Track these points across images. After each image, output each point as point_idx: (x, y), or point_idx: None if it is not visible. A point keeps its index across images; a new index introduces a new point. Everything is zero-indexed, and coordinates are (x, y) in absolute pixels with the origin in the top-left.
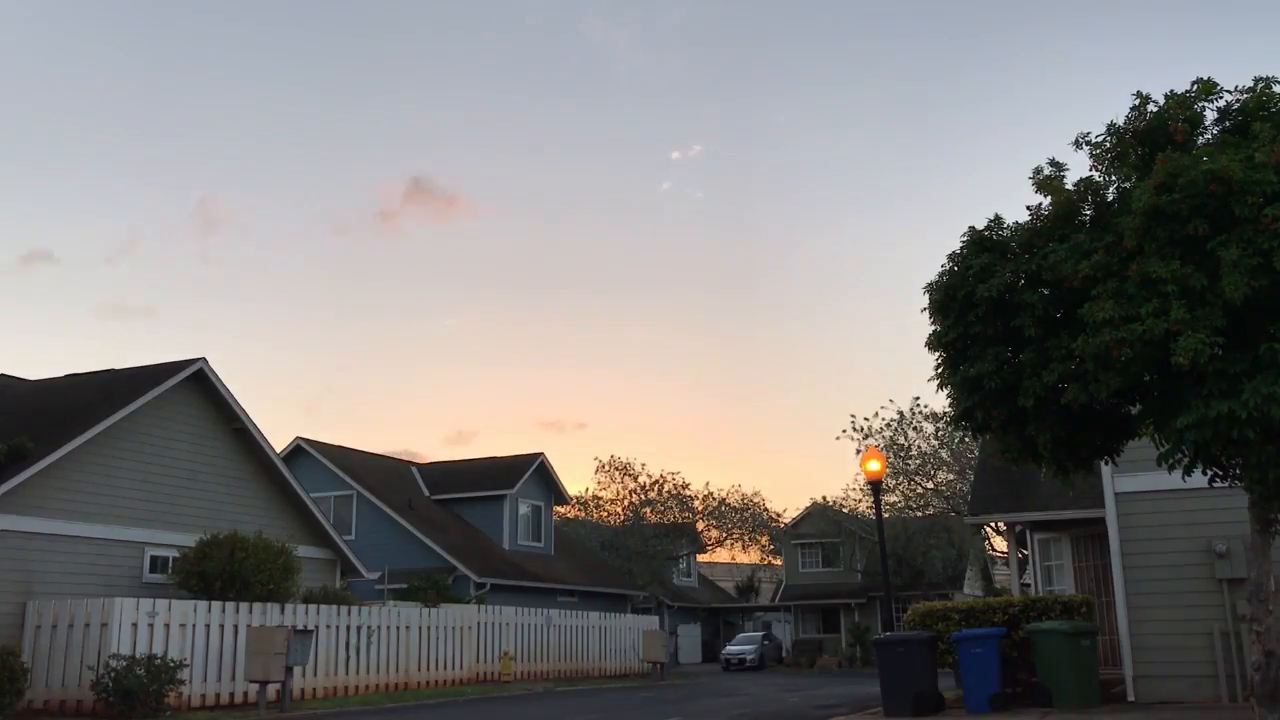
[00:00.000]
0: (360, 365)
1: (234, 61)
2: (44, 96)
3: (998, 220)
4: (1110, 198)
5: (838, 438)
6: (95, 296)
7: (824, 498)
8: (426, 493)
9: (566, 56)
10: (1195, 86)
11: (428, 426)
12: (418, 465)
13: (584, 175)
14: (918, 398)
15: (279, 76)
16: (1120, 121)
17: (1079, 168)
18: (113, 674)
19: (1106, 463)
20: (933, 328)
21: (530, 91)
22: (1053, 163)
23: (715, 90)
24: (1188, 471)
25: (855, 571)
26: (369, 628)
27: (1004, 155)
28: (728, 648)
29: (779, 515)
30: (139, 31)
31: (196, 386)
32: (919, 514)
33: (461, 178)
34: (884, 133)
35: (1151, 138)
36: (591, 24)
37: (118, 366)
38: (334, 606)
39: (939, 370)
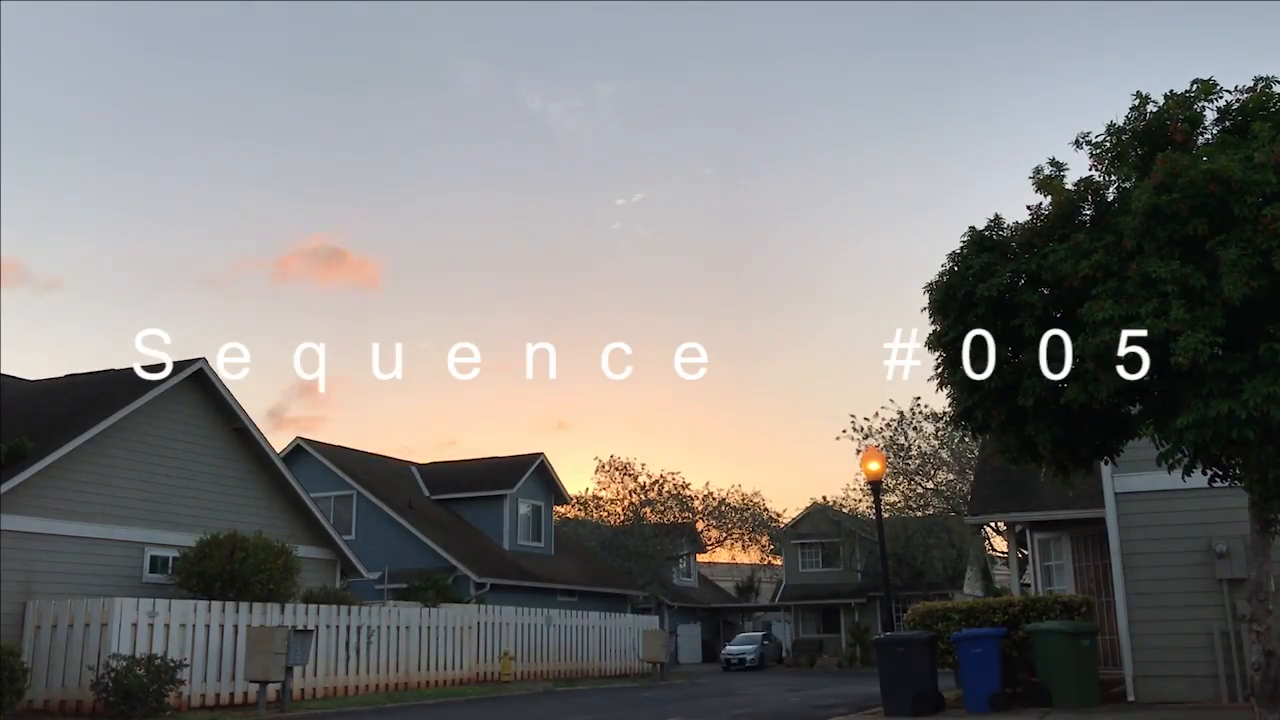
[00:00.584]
0: (360, 368)
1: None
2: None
3: (998, 220)
4: (1110, 197)
5: (838, 438)
6: (97, 296)
7: (824, 498)
8: (426, 492)
9: (509, 123)
10: (1195, 86)
11: (428, 428)
12: (417, 465)
13: (543, 213)
14: (918, 398)
15: (275, 117)
16: (1120, 121)
17: (1079, 167)
18: (113, 674)
19: (1106, 463)
20: (933, 327)
21: (480, 148)
22: (1053, 162)
23: (647, 148)
24: (1187, 471)
25: (855, 571)
26: (369, 628)
27: (1004, 155)
28: (728, 648)
29: (779, 515)
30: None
31: (196, 386)
32: (919, 514)
33: (434, 218)
34: (884, 132)
35: (1151, 137)
36: (530, 96)
37: (117, 367)
38: (334, 606)
39: (939, 370)
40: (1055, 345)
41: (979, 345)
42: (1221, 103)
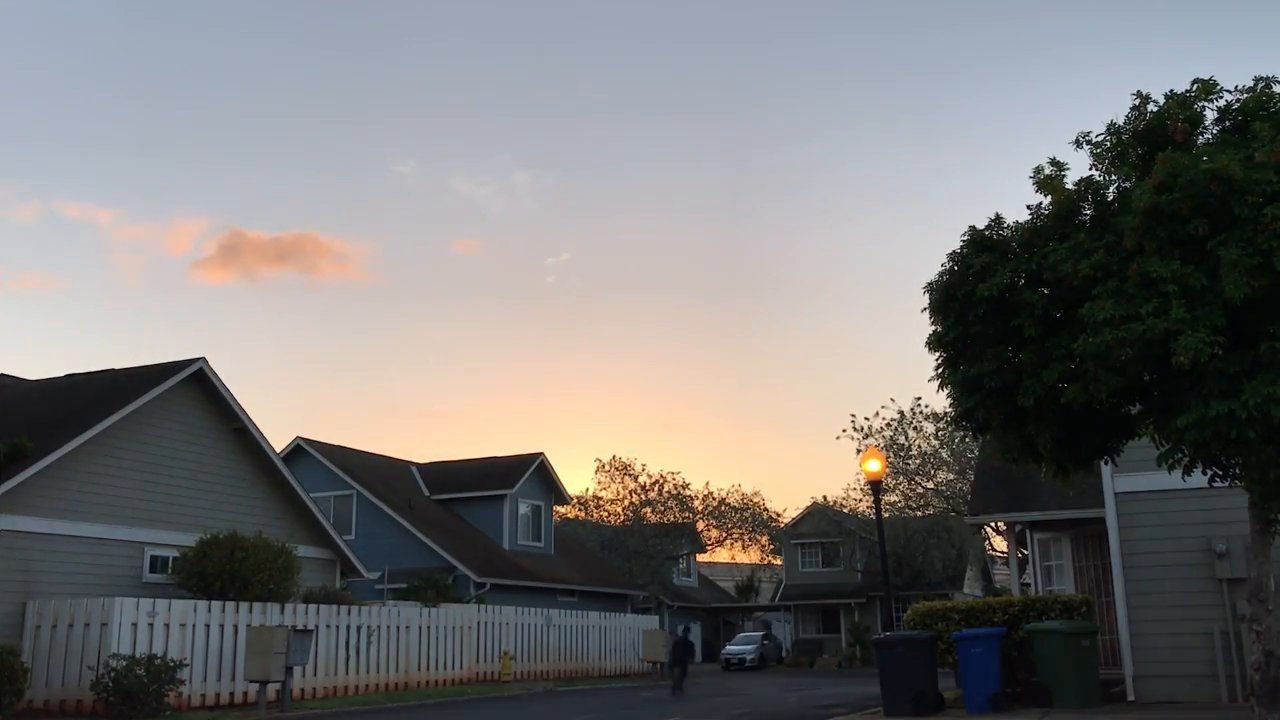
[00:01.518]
0: (366, 369)
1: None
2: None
3: (998, 220)
4: (1110, 197)
5: (838, 437)
6: (96, 296)
7: (824, 497)
8: (426, 492)
9: (442, 203)
10: (1195, 86)
11: (430, 428)
12: (417, 465)
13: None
14: (919, 398)
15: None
16: (1120, 121)
17: (1079, 167)
18: (113, 674)
19: (1106, 463)
20: (933, 328)
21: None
22: (1053, 162)
23: (568, 219)
24: (1187, 471)
25: (855, 571)
26: (369, 627)
27: (1005, 155)
28: (728, 647)
29: (779, 515)
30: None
31: (196, 386)
32: (919, 514)
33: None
34: (885, 132)
35: (1152, 137)
36: (459, 182)
37: (117, 366)
38: (334, 606)
39: (939, 370)
40: (1056, 345)
41: (979, 345)
42: (1222, 102)
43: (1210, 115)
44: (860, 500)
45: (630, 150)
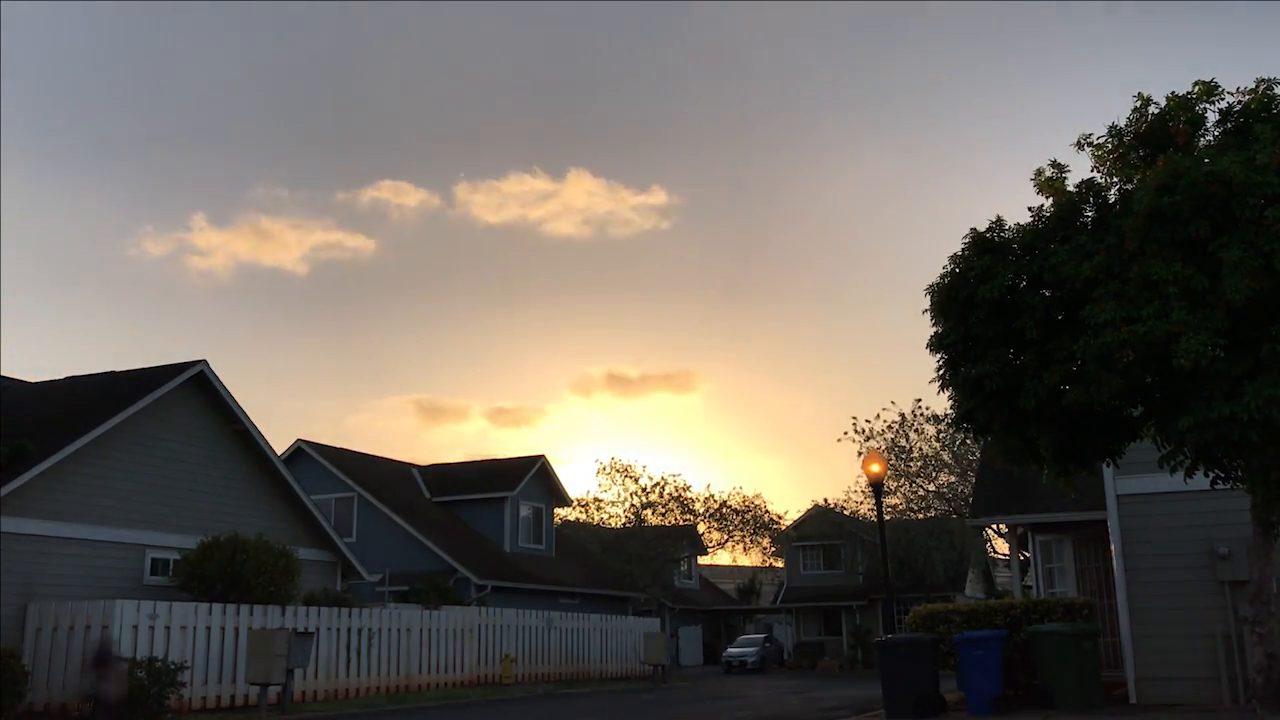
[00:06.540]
0: (366, 366)
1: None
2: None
3: (999, 222)
4: (1112, 199)
5: (839, 440)
6: (98, 297)
7: (825, 500)
8: (427, 495)
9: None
10: (1196, 88)
11: (427, 429)
12: (418, 467)
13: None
14: (919, 400)
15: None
16: (1122, 123)
17: (1081, 169)
18: None
19: (1108, 465)
20: (934, 329)
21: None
22: (1054, 164)
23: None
24: (1189, 473)
25: (857, 574)
26: (370, 630)
27: (1006, 156)
28: (729, 650)
29: (780, 517)
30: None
31: (197, 389)
32: (920, 516)
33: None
34: (888, 133)
35: (1153, 139)
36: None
37: (118, 369)
38: (335, 609)
39: (940, 372)
40: (1057, 347)
41: (981, 347)
42: (1223, 104)
43: (1211, 117)
44: (862, 502)
45: (626, 149)
